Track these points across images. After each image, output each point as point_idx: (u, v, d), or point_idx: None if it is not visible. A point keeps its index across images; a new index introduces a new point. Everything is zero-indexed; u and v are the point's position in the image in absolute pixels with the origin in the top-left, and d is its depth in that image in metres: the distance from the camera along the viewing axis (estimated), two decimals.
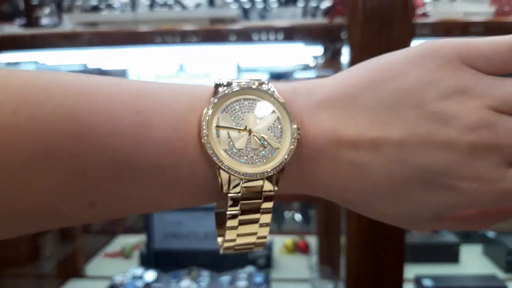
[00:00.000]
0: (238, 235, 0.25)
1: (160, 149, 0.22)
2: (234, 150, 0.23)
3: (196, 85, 0.25)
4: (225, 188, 0.23)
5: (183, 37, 0.97)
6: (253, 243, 0.26)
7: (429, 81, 0.22)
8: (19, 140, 0.20)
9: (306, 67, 1.64)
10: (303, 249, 1.49)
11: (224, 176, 0.23)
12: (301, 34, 0.96)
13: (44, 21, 1.17)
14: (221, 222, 0.26)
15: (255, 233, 0.25)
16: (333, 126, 0.24)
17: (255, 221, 0.25)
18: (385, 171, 0.23)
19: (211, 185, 0.23)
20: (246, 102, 0.24)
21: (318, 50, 1.20)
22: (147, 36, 0.99)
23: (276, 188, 0.24)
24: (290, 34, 0.96)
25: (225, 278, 1.21)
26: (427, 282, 1.08)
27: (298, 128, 0.24)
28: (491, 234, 1.35)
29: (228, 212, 0.24)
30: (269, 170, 0.23)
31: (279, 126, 0.24)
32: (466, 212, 0.26)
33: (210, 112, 0.23)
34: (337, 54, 1.13)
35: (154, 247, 1.31)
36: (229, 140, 0.23)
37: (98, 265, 1.45)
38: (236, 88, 0.24)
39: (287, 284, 1.30)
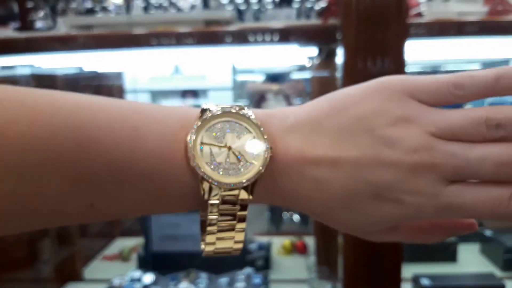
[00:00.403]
0: (218, 239, 0.29)
1: (151, 160, 0.26)
2: (215, 163, 0.27)
3: (186, 107, 0.30)
4: (206, 196, 0.27)
5: (178, 39, 0.97)
6: (231, 248, 0.30)
7: (380, 111, 0.27)
8: (33, 147, 0.23)
9: (301, 68, 1.64)
10: (301, 250, 1.49)
11: (205, 185, 0.27)
12: (296, 35, 0.97)
13: (39, 24, 1.17)
14: (204, 229, 0.29)
15: (232, 237, 0.29)
16: (300, 147, 0.28)
17: (232, 227, 0.28)
18: (342, 185, 0.27)
19: (194, 193, 0.27)
20: (227, 124, 0.28)
21: (313, 51, 1.21)
22: (142, 39, 0.99)
23: (250, 197, 0.28)
24: (285, 35, 0.97)
25: (223, 280, 1.21)
26: (425, 281, 1.08)
27: (270, 148, 0.28)
28: (488, 233, 1.36)
29: (208, 217, 0.27)
30: (244, 181, 0.27)
31: (254, 144, 0.28)
32: (418, 225, 0.31)
33: (194, 131, 0.27)
34: (332, 55, 1.13)
35: (152, 249, 1.31)
36: (211, 155, 0.27)
37: (96, 268, 1.45)
38: (218, 112, 0.28)
39: (285, 285, 1.30)
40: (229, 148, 0.28)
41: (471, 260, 1.34)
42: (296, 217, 2.00)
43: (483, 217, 0.25)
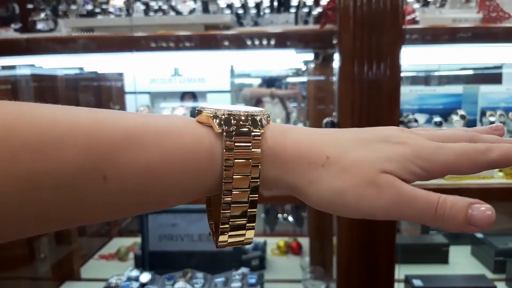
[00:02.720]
0: (234, 189, 0.29)
1: (165, 121, 0.28)
2: (222, 108, 0.29)
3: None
4: (218, 128, 0.28)
5: (178, 43, 0.99)
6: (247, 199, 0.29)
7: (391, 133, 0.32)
8: (52, 122, 0.24)
9: (298, 72, 1.66)
10: (295, 250, 1.50)
11: (217, 117, 0.29)
12: (293, 40, 0.98)
13: (40, 26, 1.18)
14: (210, 207, 0.32)
15: (248, 175, 0.29)
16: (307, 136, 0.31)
17: (247, 162, 0.28)
18: (357, 134, 0.31)
19: (209, 142, 0.28)
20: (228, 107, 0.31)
21: (309, 55, 1.22)
22: (142, 41, 1.00)
23: (262, 131, 0.29)
24: (282, 40, 0.98)
25: (219, 280, 1.22)
26: (417, 282, 1.10)
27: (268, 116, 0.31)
28: (479, 235, 1.38)
29: (225, 149, 0.28)
30: (252, 111, 0.30)
31: (253, 109, 0.31)
32: None
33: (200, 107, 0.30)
34: (328, 59, 1.15)
35: (149, 249, 1.33)
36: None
37: (93, 268, 1.46)
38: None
39: (280, 285, 1.31)
40: (231, 107, 0.31)
41: (462, 262, 1.36)
42: (290, 218, 2.02)
43: (465, 155, 0.29)
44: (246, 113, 0.29)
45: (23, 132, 0.23)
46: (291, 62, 1.52)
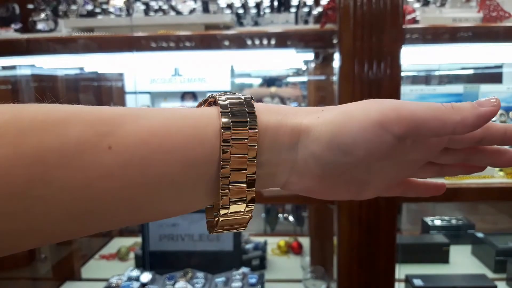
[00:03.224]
0: (232, 170, 0.28)
1: (173, 109, 0.29)
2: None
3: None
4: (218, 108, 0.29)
5: (178, 43, 0.99)
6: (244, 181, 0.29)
7: None
8: (58, 106, 0.26)
9: (298, 72, 1.66)
10: (296, 250, 1.50)
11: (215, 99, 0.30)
12: (293, 39, 0.98)
13: (40, 26, 1.18)
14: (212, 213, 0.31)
15: (245, 154, 0.28)
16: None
17: (244, 136, 0.28)
18: (352, 105, 0.31)
19: (208, 111, 0.29)
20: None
21: (310, 55, 1.22)
22: (142, 41, 1.00)
23: (254, 110, 0.29)
24: (282, 39, 0.98)
25: (219, 279, 1.22)
26: (417, 282, 1.10)
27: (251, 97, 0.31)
28: (480, 234, 1.38)
29: (222, 120, 0.28)
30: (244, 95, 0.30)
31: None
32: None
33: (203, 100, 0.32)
34: (328, 59, 1.15)
35: (150, 249, 1.33)
36: None
37: (93, 267, 1.46)
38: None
39: (281, 284, 1.31)
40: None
41: (463, 261, 1.36)
42: (291, 218, 2.02)
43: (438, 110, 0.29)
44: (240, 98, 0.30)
45: (31, 113, 0.24)
46: (291, 62, 1.52)
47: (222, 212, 0.29)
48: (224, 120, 0.28)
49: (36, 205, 0.24)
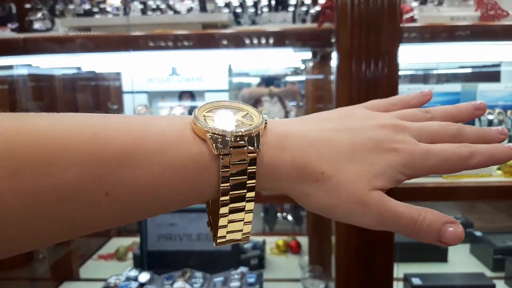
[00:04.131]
0: (230, 211, 0.30)
1: (162, 137, 0.28)
2: (220, 124, 0.30)
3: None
4: (216, 151, 0.29)
5: (176, 42, 0.98)
6: (241, 230, 0.32)
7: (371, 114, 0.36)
8: (50, 140, 0.25)
9: (296, 71, 1.66)
10: (294, 249, 1.50)
11: (214, 138, 0.29)
12: (291, 38, 0.98)
13: (37, 25, 1.18)
14: (215, 217, 0.31)
15: (243, 208, 0.31)
16: (298, 127, 0.33)
17: (243, 183, 0.30)
18: (347, 142, 0.32)
19: (205, 161, 0.29)
20: (222, 108, 0.33)
21: (307, 54, 1.22)
22: (140, 41, 1.00)
23: (258, 149, 0.30)
24: (280, 38, 0.98)
25: (218, 279, 1.22)
26: (416, 280, 1.10)
27: (266, 120, 0.32)
28: (478, 233, 1.38)
29: (221, 171, 0.29)
30: (249, 129, 0.30)
31: (251, 116, 0.32)
32: None
33: (197, 110, 0.31)
34: (326, 58, 1.14)
35: (148, 248, 1.33)
36: (213, 121, 0.30)
37: (92, 268, 1.46)
38: (214, 103, 0.33)
39: (279, 284, 1.31)
40: (229, 118, 0.31)
41: (461, 260, 1.37)
42: (289, 217, 2.02)
43: (449, 162, 0.32)
44: (242, 133, 0.30)
45: (23, 148, 0.24)
46: (289, 61, 1.51)
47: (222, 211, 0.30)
48: (223, 186, 0.29)
49: (31, 233, 0.25)
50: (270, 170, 0.31)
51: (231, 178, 0.29)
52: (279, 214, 2.06)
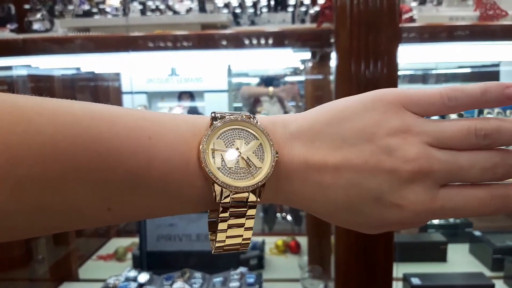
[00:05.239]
0: (227, 237, 0.31)
1: (166, 168, 0.28)
2: (226, 169, 0.29)
3: (196, 116, 0.31)
4: (217, 199, 0.28)
5: (175, 42, 0.98)
6: (239, 244, 0.32)
7: (379, 122, 0.29)
8: (55, 157, 0.24)
9: (295, 71, 1.66)
10: (294, 249, 1.50)
11: (217, 189, 0.28)
12: (290, 39, 0.98)
13: (36, 26, 1.18)
14: (213, 229, 0.31)
15: (241, 235, 0.31)
16: (303, 153, 0.30)
17: (241, 225, 0.30)
18: (344, 191, 0.29)
19: (206, 196, 0.29)
20: (235, 131, 0.30)
21: (307, 54, 1.22)
22: (139, 41, 1.00)
23: (258, 200, 0.29)
24: (279, 39, 0.98)
25: (217, 279, 1.22)
26: (415, 280, 1.10)
27: (276, 152, 0.29)
28: (477, 233, 1.38)
29: (219, 217, 0.29)
30: (253, 184, 0.29)
31: (262, 150, 0.30)
32: None
33: (206, 139, 0.29)
34: (325, 58, 1.14)
35: (147, 249, 1.32)
36: (222, 161, 0.29)
37: (91, 268, 1.45)
38: (227, 120, 0.30)
39: (279, 284, 1.31)
40: (239, 154, 0.29)
41: (460, 260, 1.36)
42: (289, 217, 2.02)
43: (470, 216, 0.29)
44: (247, 189, 0.29)
45: (28, 162, 0.24)
46: (288, 61, 1.51)
47: (217, 244, 0.31)
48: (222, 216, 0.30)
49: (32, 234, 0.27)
50: (269, 199, 0.32)
51: (228, 223, 0.30)
52: (278, 214, 2.06)
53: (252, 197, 0.29)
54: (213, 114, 0.30)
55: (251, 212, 0.30)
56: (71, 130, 0.25)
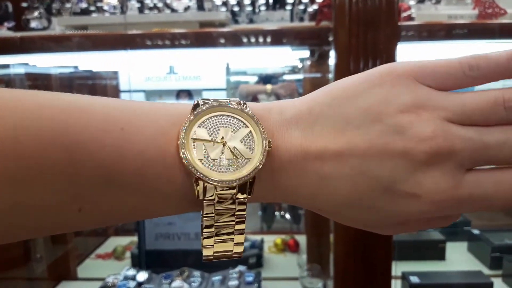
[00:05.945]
0: (216, 242, 0.26)
1: (141, 161, 0.24)
2: (209, 160, 0.25)
3: (177, 103, 0.28)
4: (200, 196, 0.25)
5: (173, 40, 0.98)
6: (231, 251, 0.27)
7: (387, 98, 0.24)
8: (17, 151, 0.22)
9: (294, 69, 1.66)
10: (292, 247, 1.50)
11: (200, 184, 0.24)
12: (289, 37, 0.98)
13: (33, 24, 1.17)
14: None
15: (231, 239, 0.27)
16: (301, 141, 0.26)
17: (231, 228, 0.26)
18: (349, 182, 0.25)
19: (189, 194, 0.25)
20: (220, 118, 0.26)
21: (305, 53, 1.22)
22: (137, 39, 0.99)
23: (248, 196, 0.25)
24: (278, 37, 0.98)
25: (216, 278, 1.22)
26: (413, 278, 1.10)
27: (269, 141, 0.25)
28: (476, 231, 1.38)
29: (204, 218, 0.25)
30: (241, 177, 0.25)
31: (251, 139, 0.26)
32: None
33: (186, 126, 0.25)
34: (324, 56, 1.14)
35: (146, 248, 1.32)
36: (205, 151, 0.25)
37: (90, 267, 1.45)
38: (211, 106, 0.26)
39: (278, 282, 1.31)
40: (224, 143, 0.25)
41: (459, 258, 1.37)
42: (288, 216, 2.02)
43: (504, 207, 0.24)
44: (233, 182, 0.25)
45: (2, 162, 0.22)
46: (287, 59, 1.51)
47: (206, 252, 0.27)
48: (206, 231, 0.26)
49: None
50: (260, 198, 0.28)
51: (215, 221, 0.26)
52: (277, 213, 2.06)
53: (240, 194, 0.25)
54: (195, 101, 0.26)
55: (241, 212, 0.26)
56: (34, 122, 0.22)
